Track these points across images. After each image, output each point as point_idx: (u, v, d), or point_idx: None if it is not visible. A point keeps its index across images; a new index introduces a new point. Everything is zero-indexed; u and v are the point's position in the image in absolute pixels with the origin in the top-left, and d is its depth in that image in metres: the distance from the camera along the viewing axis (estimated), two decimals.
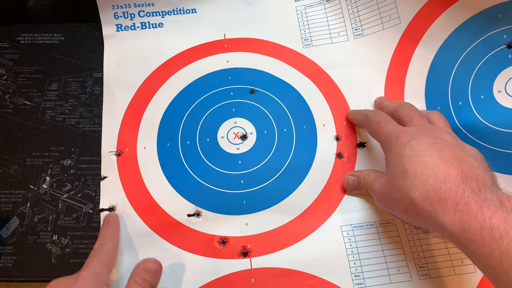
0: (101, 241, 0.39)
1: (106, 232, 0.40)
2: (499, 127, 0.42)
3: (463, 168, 0.31)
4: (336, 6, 0.49)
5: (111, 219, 0.42)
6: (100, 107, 0.47)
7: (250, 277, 0.41)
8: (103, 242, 0.39)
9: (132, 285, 0.36)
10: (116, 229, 0.41)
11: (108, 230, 0.41)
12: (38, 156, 0.46)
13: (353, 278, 0.40)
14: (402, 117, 0.40)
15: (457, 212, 0.29)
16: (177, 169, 0.45)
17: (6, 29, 0.51)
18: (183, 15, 0.50)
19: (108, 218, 0.42)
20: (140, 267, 0.37)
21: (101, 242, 0.39)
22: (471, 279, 0.40)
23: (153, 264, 0.38)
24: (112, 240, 0.40)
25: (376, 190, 0.38)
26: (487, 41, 0.43)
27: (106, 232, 0.40)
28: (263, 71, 0.49)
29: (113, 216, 0.42)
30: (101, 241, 0.39)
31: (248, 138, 0.46)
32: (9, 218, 0.43)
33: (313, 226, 0.43)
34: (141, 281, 0.36)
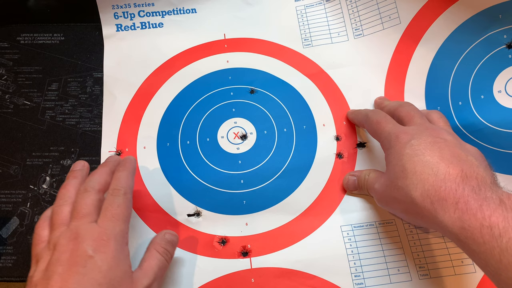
0: (115, 186, 0.36)
1: (121, 175, 0.38)
2: (499, 127, 0.42)
3: (463, 167, 0.31)
4: (336, 6, 0.49)
5: (128, 162, 0.39)
6: (100, 107, 0.47)
7: (250, 277, 0.41)
8: (116, 187, 0.36)
9: (154, 253, 0.36)
10: (131, 171, 0.39)
11: (122, 173, 0.38)
12: (38, 156, 0.46)
13: (353, 278, 0.40)
14: (402, 116, 0.40)
15: (457, 211, 0.29)
16: (177, 169, 0.45)
17: (6, 29, 0.51)
18: (183, 15, 0.50)
19: (125, 160, 0.40)
20: (161, 237, 0.38)
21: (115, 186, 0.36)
22: (471, 279, 0.40)
23: (173, 236, 0.38)
24: (128, 184, 0.37)
25: (376, 190, 0.38)
26: (487, 41, 0.43)
27: (120, 175, 0.38)
28: (263, 71, 0.49)
29: (130, 159, 0.40)
30: (115, 186, 0.36)
31: (248, 138, 0.46)
32: (9, 218, 0.43)
33: (313, 226, 0.43)
34: (162, 250, 0.36)
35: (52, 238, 0.33)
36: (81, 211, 0.34)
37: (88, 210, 0.34)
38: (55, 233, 0.33)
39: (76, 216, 0.34)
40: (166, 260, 0.36)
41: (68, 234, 0.33)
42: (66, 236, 0.32)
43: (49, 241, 0.34)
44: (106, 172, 0.38)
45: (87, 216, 0.34)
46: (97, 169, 0.38)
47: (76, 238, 0.32)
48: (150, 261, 0.35)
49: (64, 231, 0.33)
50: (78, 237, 0.32)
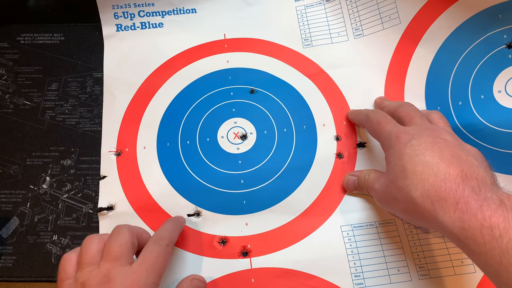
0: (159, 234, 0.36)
1: (168, 226, 0.38)
2: (499, 127, 0.42)
3: (463, 167, 0.31)
4: (336, 6, 0.49)
5: (180, 218, 0.41)
6: (100, 107, 0.47)
7: (250, 277, 0.41)
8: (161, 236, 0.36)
9: None
10: (179, 225, 0.39)
11: (170, 224, 0.38)
12: (38, 156, 0.46)
13: (353, 278, 0.40)
14: (402, 116, 0.40)
15: (457, 211, 0.29)
16: (177, 169, 0.45)
17: (6, 29, 0.51)
18: (183, 15, 0.50)
19: (177, 216, 0.41)
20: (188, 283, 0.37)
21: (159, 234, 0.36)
22: (471, 279, 0.40)
23: (200, 282, 0.38)
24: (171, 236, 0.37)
25: (376, 190, 0.38)
26: (487, 41, 0.43)
27: (168, 225, 0.38)
28: (263, 71, 0.49)
29: (181, 218, 0.41)
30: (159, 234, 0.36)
31: (248, 138, 0.46)
32: (9, 218, 0.43)
33: (313, 226, 0.43)
34: None
35: (80, 276, 0.32)
36: (114, 252, 0.33)
37: (121, 253, 0.33)
38: (83, 272, 0.32)
39: (107, 258, 0.33)
40: None
41: (99, 277, 0.31)
42: (97, 278, 0.31)
43: (76, 278, 0.32)
44: None
45: (120, 259, 0.32)
46: None
47: (108, 283, 0.31)
48: None
49: (94, 271, 0.32)
50: (110, 282, 0.31)
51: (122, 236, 0.34)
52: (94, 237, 0.35)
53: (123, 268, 0.32)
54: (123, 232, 0.34)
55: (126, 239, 0.34)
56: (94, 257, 0.33)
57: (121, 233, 0.34)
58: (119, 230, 0.35)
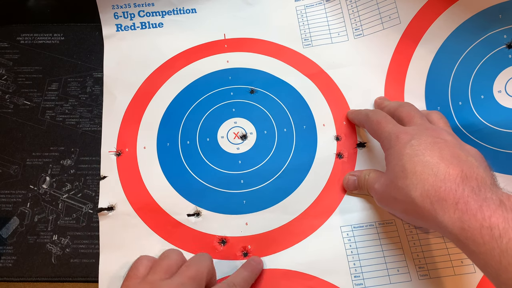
0: (233, 280, 0.36)
1: (243, 275, 0.38)
2: (499, 127, 0.42)
3: (463, 168, 0.31)
4: (336, 6, 0.49)
5: (254, 263, 0.40)
6: (100, 107, 0.47)
7: None
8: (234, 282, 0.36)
9: None
10: (255, 275, 0.39)
11: (246, 273, 0.38)
12: (38, 156, 0.46)
13: (353, 278, 0.40)
14: (402, 116, 0.40)
15: (457, 211, 0.29)
16: (177, 169, 0.45)
17: (6, 29, 0.51)
18: (183, 15, 0.50)
19: (252, 260, 0.40)
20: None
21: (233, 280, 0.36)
22: (471, 279, 0.40)
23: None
24: (243, 286, 0.37)
25: (376, 190, 0.38)
26: (487, 41, 0.43)
27: (243, 273, 0.38)
28: (263, 71, 0.49)
29: (258, 261, 0.41)
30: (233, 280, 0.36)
31: (248, 138, 0.46)
32: (9, 218, 0.43)
33: (313, 226, 0.43)
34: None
35: (151, 280, 0.33)
36: (191, 271, 0.34)
37: (196, 276, 0.34)
38: (155, 276, 0.33)
39: (183, 274, 0.33)
40: None
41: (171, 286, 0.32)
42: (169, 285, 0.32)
43: (145, 280, 0.33)
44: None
45: (194, 280, 0.33)
46: None
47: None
48: None
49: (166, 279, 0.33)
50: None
51: (203, 262, 0.35)
52: (176, 251, 0.36)
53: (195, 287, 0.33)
54: (205, 259, 0.36)
55: (206, 265, 0.35)
56: (171, 267, 0.34)
57: (202, 258, 0.36)
58: (202, 255, 0.36)
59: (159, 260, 0.35)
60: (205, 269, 0.35)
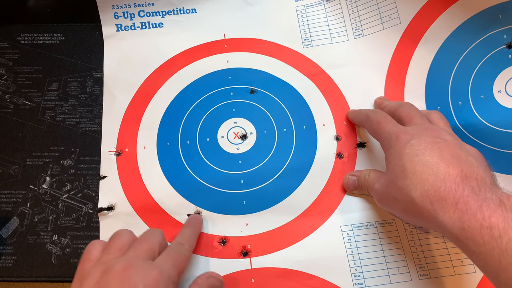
0: (180, 240, 0.37)
1: (187, 232, 0.39)
2: (499, 127, 0.42)
3: (463, 167, 0.31)
4: (336, 6, 0.49)
5: (195, 220, 0.41)
6: (100, 107, 0.47)
7: (250, 277, 0.41)
8: (181, 241, 0.37)
9: None
10: (197, 231, 0.41)
11: (189, 230, 0.40)
12: (38, 156, 0.46)
13: (353, 278, 0.40)
14: (402, 116, 0.40)
15: (457, 211, 0.29)
16: (177, 169, 0.45)
17: (6, 29, 0.51)
18: (183, 15, 0.50)
19: (191, 218, 0.42)
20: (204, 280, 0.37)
21: (179, 240, 0.37)
22: (471, 279, 0.40)
23: (217, 281, 0.37)
24: (191, 242, 0.38)
25: (376, 190, 0.38)
26: (487, 41, 0.43)
27: (187, 231, 0.39)
28: (263, 71, 0.49)
29: (197, 217, 0.42)
30: (180, 240, 0.37)
31: (248, 138, 0.46)
32: (9, 218, 0.43)
33: (313, 226, 0.43)
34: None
35: (105, 260, 0.32)
36: (143, 245, 0.34)
37: (148, 248, 0.34)
38: (108, 256, 0.33)
39: (136, 248, 0.33)
40: None
41: (124, 262, 0.31)
42: (121, 263, 0.31)
43: (100, 261, 0.33)
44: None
45: (147, 252, 0.33)
46: None
47: (130, 268, 0.31)
48: None
49: (120, 257, 0.32)
50: (132, 268, 0.31)
51: (154, 237, 0.35)
52: (126, 230, 0.36)
53: (147, 260, 0.32)
54: (156, 233, 0.36)
55: (157, 240, 0.35)
56: (123, 246, 0.34)
57: (153, 234, 0.36)
58: (152, 231, 0.36)
59: (110, 241, 0.35)
60: (156, 243, 0.35)
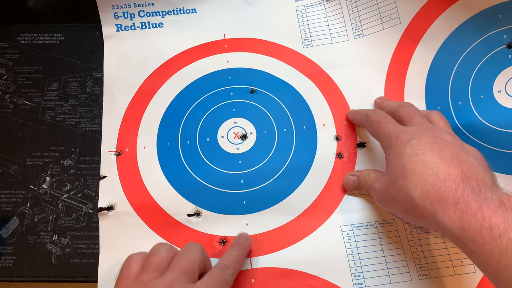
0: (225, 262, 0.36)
1: (234, 254, 0.37)
2: (499, 127, 0.42)
3: (463, 168, 0.31)
4: (336, 6, 0.49)
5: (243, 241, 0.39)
6: (100, 107, 0.47)
7: (250, 277, 0.41)
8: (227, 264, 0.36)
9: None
10: (245, 254, 0.39)
11: (236, 252, 0.38)
12: (38, 156, 0.46)
13: (353, 278, 0.40)
14: (402, 116, 0.40)
15: (457, 211, 0.29)
16: (177, 169, 0.45)
17: (6, 29, 0.51)
18: (183, 15, 0.50)
19: (240, 238, 0.40)
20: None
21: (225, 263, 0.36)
22: (471, 279, 0.40)
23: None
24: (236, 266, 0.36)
25: (376, 190, 0.38)
26: (487, 41, 0.43)
27: (234, 253, 0.37)
28: (263, 71, 0.49)
29: (246, 238, 0.40)
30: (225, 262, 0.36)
31: (248, 138, 0.46)
32: (9, 218, 0.43)
33: (313, 226, 0.43)
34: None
35: (143, 280, 0.32)
36: (182, 265, 0.33)
37: (188, 268, 0.33)
38: (147, 276, 0.32)
39: (174, 269, 0.33)
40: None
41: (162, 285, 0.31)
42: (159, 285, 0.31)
43: (138, 280, 0.32)
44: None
45: (186, 274, 0.32)
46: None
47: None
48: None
49: (158, 279, 0.32)
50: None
51: (193, 253, 0.34)
52: (165, 245, 0.35)
53: (186, 284, 0.32)
54: (196, 249, 0.35)
55: (197, 256, 0.34)
56: (162, 264, 0.33)
57: (193, 250, 0.35)
58: (192, 246, 0.35)
59: (149, 258, 0.34)
60: (196, 260, 0.34)
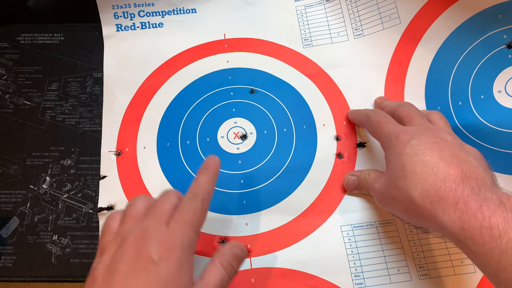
0: (194, 190, 0.33)
1: (202, 179, 0.34)
2: (499, 127, 0.42)
3: (463, 167, 0.31)
4: (336, 6, 0.49)
5: (212, 163, 0.36)
6: (100, 107, 0.47)
7: (250, 277, 0.41)
8: (195, 191, 0.33)
9: (218, 267, 0.33)
10: (214, 176, 0.35)
11: (204, 177, 0.34)
12: (38, 156, 0.46)
13: (353, 278, 0.40)
14: (402, 116, 0.40)
15: (457, 211, 0.29)
16: (177, 168, 0.45)
17: (6, 29, 0.51)
18: (183, 15, 0.50)
19: (207, 161, 0.36)
20: (227, 251, 0.34)
21: (193, 191, 0.33)
22: (471, 279, 0.40)
23: (241, 252, 0.35)
24: (206, 190, 0.34)
25: (376, 190, 0.38)
26: (487, 41, 0.43)
27: (201, 178, 0.34)
28: (263, 71, 0.49)
29: (213, 158, 0.36)
30: (194, 190, 0.33)
31: (248, 138, 0.46)
32: (9, 218, 0.43)
33: (313, 226, 0.43)
34: (227, 265, 0.33)
35: (121, 231, 0.32)
36: (157, 210, 0.32)
37: (164, 211, 0.32)
38: (125, 227, 0.32)
39: (150, 214, 0.32)
40: (229, 276, 0.33)
41: (137, 232, 0.31)
42: (135, 233, 0.31)
43: (117, 233, 0.32)
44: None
45: (162, 216, 0.32)
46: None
47: (144, 238, 0.30)
48: (212, 274, 0.32)
49: (134, 227, 0.31)
50: (146, 238, 0.30)
51: (168, 198, 0.33)
52: (141, 196, 0.34)
53: (162, 226, 0.31)
54: (171, 194, 0.34)
55: (172, 200, 0.33)
56: (139, 213, 0.33)
57: (168, 195, 0.33)
58: (166, 192, 0.34)
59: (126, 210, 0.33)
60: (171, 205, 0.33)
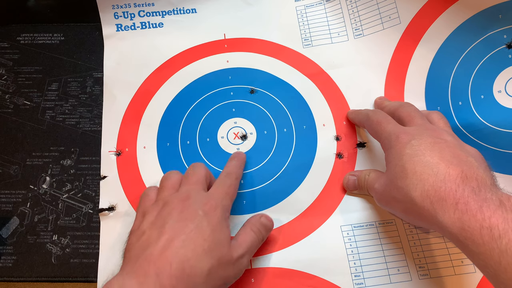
0: (227, 170, 0.40)
1: (233, 163, 0.42)
2: (499, 127, 0.42)
3: (463, 168, 0.31)
4: (336, 6, 0.49)
5: (241, 154, 0.44)
6: (100, 107, 0.47)
7: (250, 277, 0.41)
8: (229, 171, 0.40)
9: (249, 231, 0.38)
10: (242, 162, 0.43)
11: (235, 161, 0.42)
12: (38, 156, 0.46)
13: (353, 278, 0.40)
14: (402, 117, 0.40)
15: (457, 211, 0.29)
16: (177, 169, 0.44)
17: (6, 29, 0.51)
18: (183, 15, 0.50)
19: (237, 153, 0.44)
20: (257, 219, 0.40)
21: (227, 171, 0.40)
22: (471, 279, 0.40)
23: (268, 221, 0.40)
24: (237, 171, 0.41)
25: (376, 190, 0.38)
26: (487, 41, 0.43)
27: (233, 162, 0.42)
28: (263, 71, 0.49)
29: (242, 153, 0.45)
30: (227, 170, 0.40)
31: (248, 138, 0.46)
32: (9, 218, 0.43)
33: (313, 226, 0.43)
34: (257, 230, 0.38)
35: (162, 197, 0.37)
36: (192, 179, 0.38)
37: (197, 180, 0.38)
38: (164, 193, 0.37)
39: (187, 183, 0.37)
40: (258, 239, 0.38)
41: (180, 196, 0.36)
42: (178, 196, 0.36)
43: (158, 199, 0.37)
44: None
45: (197, 184, 0.37)
46: None
47: (187, 199, 0.35)
48: (245, 236, 0.37)
49: (175, 192, 0.37)
50: (190, 199, 0.35)
51: (199, 169, 0.39)
52: (173, 171, 0.40)
53: (201, 191, 0.37)
54: (200, 166, 0.39)
55: (202, 171, 0.39)
56: (174, 183, 0.38)
57: (197, 167, 0.39)
58: (196, 165, 0.40)
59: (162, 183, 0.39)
60: (202, 175, 0.38)
